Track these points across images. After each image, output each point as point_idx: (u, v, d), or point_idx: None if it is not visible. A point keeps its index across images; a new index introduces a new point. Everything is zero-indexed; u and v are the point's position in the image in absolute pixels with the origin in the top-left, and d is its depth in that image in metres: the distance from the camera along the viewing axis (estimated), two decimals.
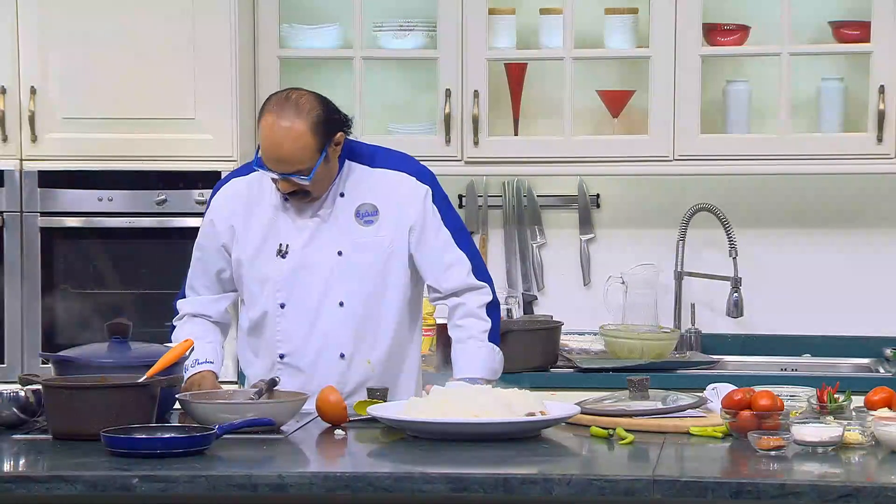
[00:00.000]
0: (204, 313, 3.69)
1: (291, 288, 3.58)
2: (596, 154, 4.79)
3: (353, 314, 3.58)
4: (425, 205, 3.60)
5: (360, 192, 3.59)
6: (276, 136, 3.45)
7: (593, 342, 4.81)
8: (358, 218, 3.59)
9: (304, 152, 3.46)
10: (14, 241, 4.65)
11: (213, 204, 3.68)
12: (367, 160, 3.62)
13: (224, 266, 3.66)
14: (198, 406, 3.24)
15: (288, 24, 4.86)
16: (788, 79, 4.72)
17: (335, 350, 3.60)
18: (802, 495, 2.74)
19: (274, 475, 2.85)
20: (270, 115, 3.46)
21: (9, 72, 4.62)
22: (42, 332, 4.64)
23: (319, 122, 3.47)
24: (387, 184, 3.60)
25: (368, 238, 3.58)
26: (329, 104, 3.53)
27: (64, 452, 3.04)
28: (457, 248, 3.62)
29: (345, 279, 3.58)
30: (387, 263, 3.60)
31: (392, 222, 3.59)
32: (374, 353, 3.61)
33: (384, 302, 3.61)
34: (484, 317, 3.62)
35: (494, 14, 4.82)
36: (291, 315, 3.59)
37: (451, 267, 3.61)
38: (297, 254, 3.58)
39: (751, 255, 4.93)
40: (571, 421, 3.28)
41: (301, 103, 3.47)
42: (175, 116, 4.62)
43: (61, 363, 3.38)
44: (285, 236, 3.59)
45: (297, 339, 3.60)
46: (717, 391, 3.38)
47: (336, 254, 3.58)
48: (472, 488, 2.82)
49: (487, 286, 3.64)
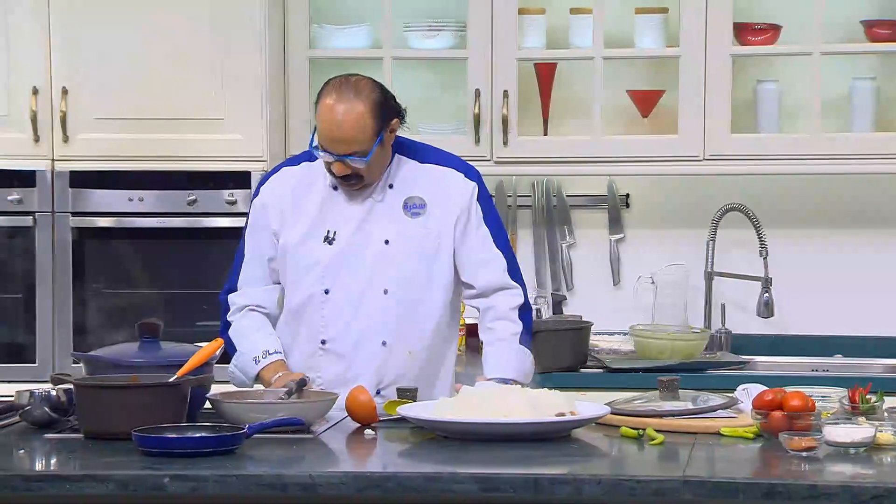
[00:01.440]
0: (259, 304, 3.68)
1: (336, 274, 3.60)
2: (625, 154, 4.78)
3: (397, 302, 3.60)
4: (471, 202, 3.64)
5: (409, 185, 3.63)
6: (335, 115, 3.49)
7: (623, 342, 4.79)
8: (406, 210, 3.63)
9: (363, 133, 3.50)
10: (46, 241, 4.67)
11: (264, 190, 3.70)
12: (416, 155, 3.67)
13: (273, 254, 3.67)
14: (228, 406, 3.25)
15: (318, 25, 4.87)
16: (820, 78, 4.70)
17: (377, 337, 3.61)
18: (834, 496, 2.73)
19: (304, 475, 2.86)
20: (330, 97, 3.51)
21: (41, 73, 4.64)
22: (73, 331, 4.66)
23: (378, 104, 3.52)
24: (435, 178, 3.64)
25: (415, 229, 3.61)
26: (387, 91, 3.58)
27: (95, 451, 3.05)
28: (494, 246, 3.65)
29: (390, 268, 3.60)
30: (432, 256, 3.62)
31: (439, 216, 3.62)
32: (416, 345, 3.62)
33: (428, 294, 3.62)
34: (515, 319, 3.63)
35: (524, 14, 4.82)
36: (335, 300, 3.61)
37: (486, 264, 3.63)
38: (343, 240, 3.61)
39: (781, 255, 4.91)
40: (601, 421, 3.27)
41: (361, 86, 3.52)
42: (205, 117, 4.63)
43: (92, 363, 3.40)
44: (333, 223, 3.62)
45: (339, 325, 3.62)
46: (747, 392, 3.37)
47: (383, 242, 3.61)
48: (502, 488, 2.81)
49: (520, 288, 3.66)
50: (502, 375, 3.53)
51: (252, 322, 3.66)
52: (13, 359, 4.67)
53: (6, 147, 4.67)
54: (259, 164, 4.62)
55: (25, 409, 3.30)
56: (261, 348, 3.59)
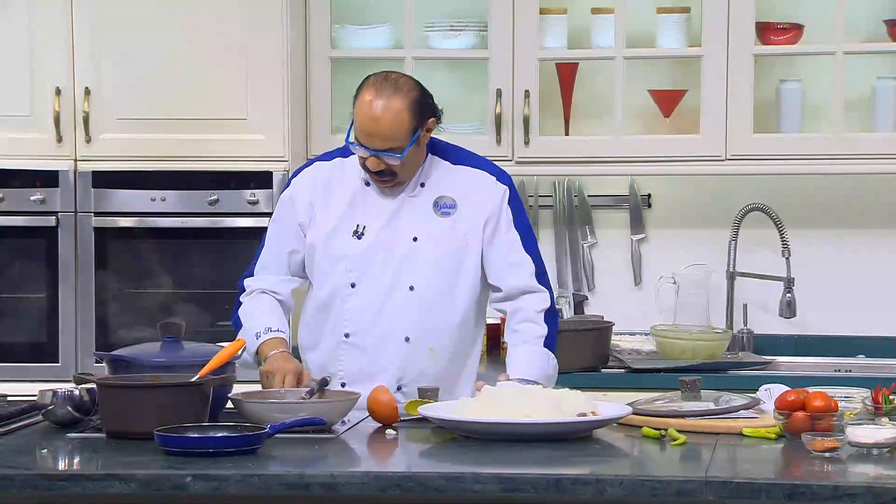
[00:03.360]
0: (272, 290, 3.69)
1: (364, 268, 3.61)
2: (647, 154, 4.78)
3: (423, 300, 3.61)
4: (502, 205, 3.65)
5: (440, 185, 3.64)
6: (374, 111, 3.50)
7: (644, 343, 4.79)
8: (436, 209, 3.63)
9: (400, 129, 3.51)
10: (68, 241, 4.69)
11: (295, 182, 3.71)
12: (449, 156, 3.69)
13: (297, 247, 3.68)
14: (250, 405, 3.26)
15: (339, 25, 4.88)
16: (842, 78, 4.69)
17: (401, 333, 3.61)
18: (857, 497, 2.72)
19: (326, 474, 2.86)
20: (369, 92, 3.52)
21: (63, 73, 4.66)
22: (96, 331, 4.67)
23: (416, 101, 3.53)
24: (467, 180, 3.65)
25: (444, 229, 3.62)
26: (425, 90, 3.60)
27: (118, 451, 3.06)
28: (523, 250, 3.65)
29: (417, 265, 3.61)
30: (460, 256, 3.63)
31: (469, 217, 3.63)
32: (439, 344, 3.63)
33: (454, 294, 3.63)
34: (541, 322, 3.63)
35: (545, 14, 4.82)
36: (361, 294, 3.62)
37: (515, 267, 3.64)
38: (372, 235, 3.62)
39: (804, 255, 4.90)
40: (623, 421, 3.27)
41: (400, 83, 3.54)
42: (227, 117, 4.64)
43: (115, 362, 3.41)
44: (362, 218, 3.63)
45: (364, 319, 3.62)
46: (770, 392, 3.36)
47: (411, 239, 3.61)
48: (524, 488, 2.81)
49: (547, 292, 3.66)
50: (525, 376, 3.53)
51: (260, 303, 3.67)
52: (36, 358, 4.69)
53: (29, 147, 4.69)
54: (281, 165, 4.63)
55: (48, 409, 3.31)
56: (264, 325, 3.59)
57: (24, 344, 4.71)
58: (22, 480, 2.87)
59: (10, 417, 3.34)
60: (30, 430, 3.31)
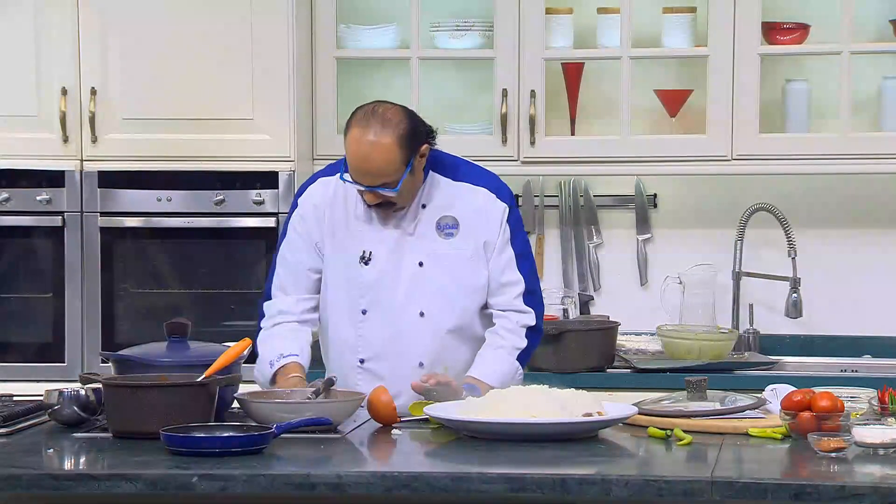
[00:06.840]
0: (292, 312, 3.67)
1: (374, 295, 3.61)
2: (653, 154, 4.77)
3: (433, 324, 3.61)
4: (500, 223, 3.63)
5: (442, 204, 3.62)
6: (362, 149, 3.46)
7: (650, 342, 4.79)
8: (439, 230, 3.62)
9: (391, 165, 3.47)
10: (74, 241, 4.69)
11: (302, 202, 3.68)
12: (450, 172, 3.65)
13: (314, 265, 3.66)
14: (256, 405, 3.26)
15: (345, 25, 4.88)
16: (849, 78, 4.68)
17: (414, 358, 3.62)
18: (863, 497, 2.72)
19: (332, 475, 2.86)
20: (357, 129, 3.48)
21: (70, 73, 4.66)
22: (102, 331, 4.68)
23: (406, 135, 3.48)
24: (468, 198, 3.63)
25: (448, 250, 3.61)
26: (415, 116, 3.55)
27: (124, 451, 3.06)
28: (516, 270, 3.65)
29: (425, 290, 3.60)
30: (466, 279, 3.62)
31: (471, 236, 3.62)
32: (453, 365, 3.61)
33: (464, 319, 3.63)
34: (522, 336, 3.64)
35: (551, 14, 4.82)
36: (373, 321, 3.62)
37: (504, 287, 3.64)
38: (380, 262, 3.61)
39: (810, 255, 4.89)
40: (629, 421, 3.27)
41: (388, 117, 3.48)
42: (233, 117, 4.64)
43: (121, 362, 3.41)
44: (369, 243, 3.62)
45: (377, 346, 3.62)
46: (776, 392, 3.35)
47: (417, 265, 3.60)
48: (530, 488, 2.81)
49: (533, 312, 3.66)
50: (483, 379, 3.53)
51: (273, 333, 3.65)
52: (42, 358, 4.69)
53: (35, 147, 4.69)
54: (287, 165, 4.63)
55: (54, 409, 3.31)
56: (277, 352, 3.58)
57: (30, 344, 4.71)
58: (28, 480, 2.88)
59: (17, 417, 3.34)
60: (36, 430, 3.31)
